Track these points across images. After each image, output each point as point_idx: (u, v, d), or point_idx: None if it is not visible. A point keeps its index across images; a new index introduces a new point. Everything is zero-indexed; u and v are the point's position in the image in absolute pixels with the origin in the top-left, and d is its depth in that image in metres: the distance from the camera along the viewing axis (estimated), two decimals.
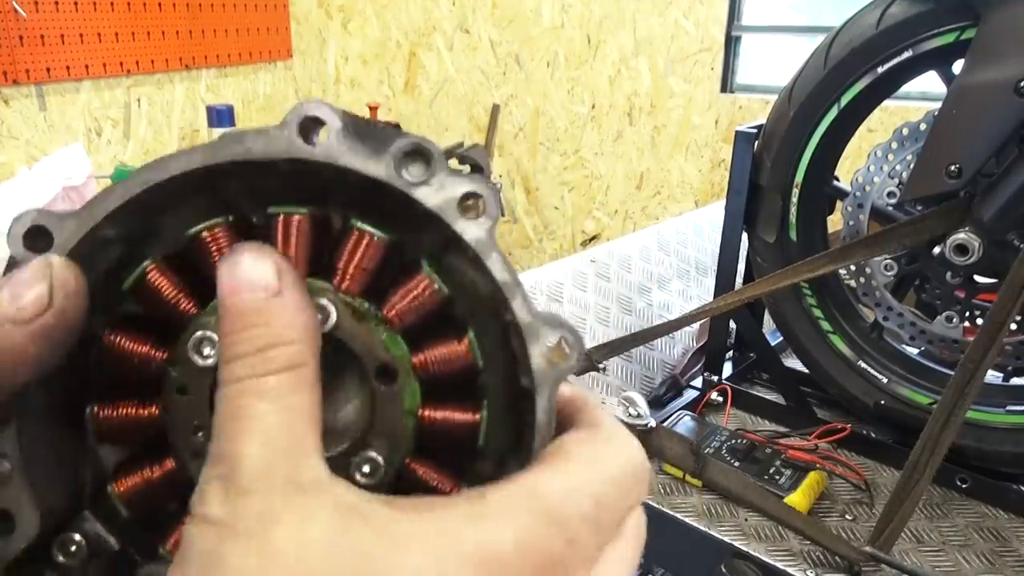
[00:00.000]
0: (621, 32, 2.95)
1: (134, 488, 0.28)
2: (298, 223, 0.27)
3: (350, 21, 3.39)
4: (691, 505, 1.07)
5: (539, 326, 0.25)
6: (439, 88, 3.33)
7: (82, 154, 2.16)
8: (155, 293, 0.28)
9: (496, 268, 0.26)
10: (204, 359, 0.26)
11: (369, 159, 0.25)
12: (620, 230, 3.16)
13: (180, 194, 0.27)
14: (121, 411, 0.28)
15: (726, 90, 2.88)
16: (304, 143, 0.25)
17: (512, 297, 0.26)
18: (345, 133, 0.25)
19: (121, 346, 0.27)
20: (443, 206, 0.25)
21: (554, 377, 0.25)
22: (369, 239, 0.27)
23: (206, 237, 0.28)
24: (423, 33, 3.28)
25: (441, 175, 0.25)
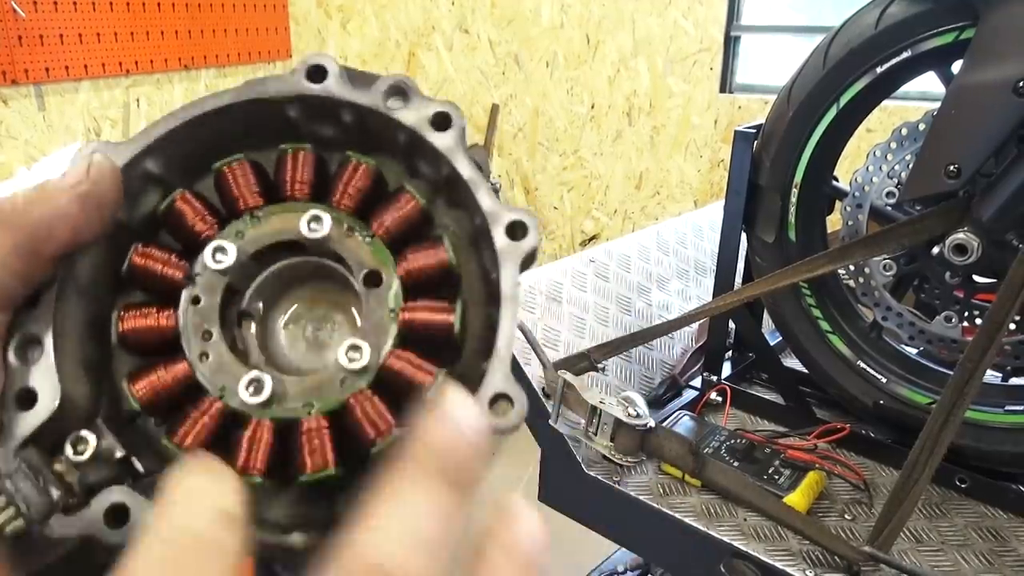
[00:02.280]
0: (620, 32, 2.95)
1: (148, 384, 0.31)
2: (304, 156, 0.33)
3: (349, 21, 3.39)
4: (690, 505, 1.07)
5: (501, 211, 0.29)
6: (438, 88, 3.33)
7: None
8: (180, 215, 0.32)
9: (463, 167, 0.30)
10: (217, 263, 0.31)
11: (360, 93, 0.31)
12: (619, 230, 3.16)
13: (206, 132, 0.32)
14: (141, 319, 0.32)
15: (725, 90, 2.88)
16: (310, 83, 0.31)
17: (477, 190, 0.30)
18: (341, 76, 0.31)
19: (148, 258, 0.32)
20: (417, 123, 0.31)
21: (516, 254, 0.29)
22: (361, 165, 0.32)
23: (226, 170, 0.33)
24: (422, 33, 3.28)
25: (417, 101, 0.31)
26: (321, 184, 0.33)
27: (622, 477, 1.11)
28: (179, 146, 0.32)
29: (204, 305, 0.31)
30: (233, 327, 0.33)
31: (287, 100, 0.31)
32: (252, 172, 0.33)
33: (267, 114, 0.32)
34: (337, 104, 0.31)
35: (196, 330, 0.31)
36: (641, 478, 1.12)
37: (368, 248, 0.31)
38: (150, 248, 0.32)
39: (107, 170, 0.30)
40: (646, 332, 1.27)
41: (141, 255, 0.32)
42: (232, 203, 0.33)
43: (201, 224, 0.32)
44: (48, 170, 2.08)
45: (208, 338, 0.31)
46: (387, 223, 0.32)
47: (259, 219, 0.32)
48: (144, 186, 0.32)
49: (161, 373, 0.31)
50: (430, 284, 0.31)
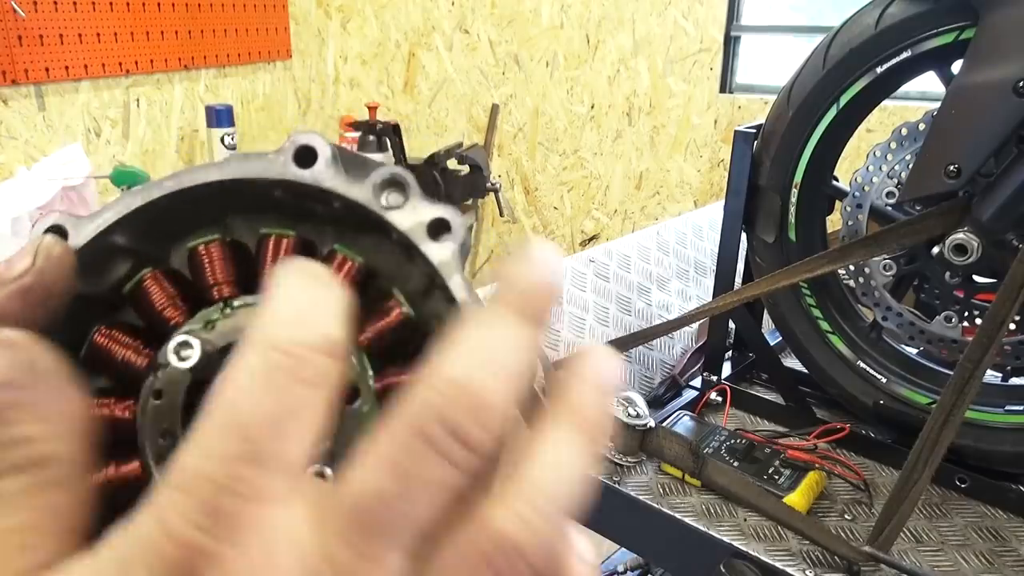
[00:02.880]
0: (620, 32, 2.95)
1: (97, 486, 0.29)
2: (287, 244, 0.30)
3: (349, 21, 3.39)
4: (690, 505, 1.07)
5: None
6: (438, 88, 3.33)
7: (81, 154, 2.16)
8: (147, 299, 0.30)
9: (456, 288, 0.28)
10: (182, 361, 0.28)
11: (352, 184, 0.28)
12: (619, 230, 3.16)
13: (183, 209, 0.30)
14: (97, 409, 0.29)
15: (725, 90, 2.88)
16: (297, 168, 0.28)
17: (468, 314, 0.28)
18: (333, 161, 0.28)
19: (108, 345, 0.30)
20: (413, 229, 0.28)
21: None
22: (348, 263, 0.30)
23: (201, 251, 0.31)
24: (422, 33, 3.28)
25: (414, 201, 0.28)
26: None
27: (622, 477, 1.11)
28: (152, 219, 0.30)
29: (166, 402, 0.29)
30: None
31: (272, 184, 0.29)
32: (228, 256, 0.31)
33: (251, 191, 0.30)
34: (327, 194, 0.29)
35: (155, 428, 0.29)
36: (641, 478, 1.12)
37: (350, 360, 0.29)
38: (112, 331, 0.30)
39: (56, 257, 0.27)
40: (646, 332, 1.27)
41: (103, 337, 0.30)
42: (205, 290, 0.30)
43: (171, 311, 0.30)
44: (47, 171, 2.08)
45: (167, 438, 0.29)
46: (370, 335, 0.29)
47: (233, 310, 0.30)
48: (111, 257, 0.30)
49: (111, 472, 0.29)
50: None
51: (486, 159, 2.77)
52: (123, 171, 2.15)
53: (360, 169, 0.29)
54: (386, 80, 3.42)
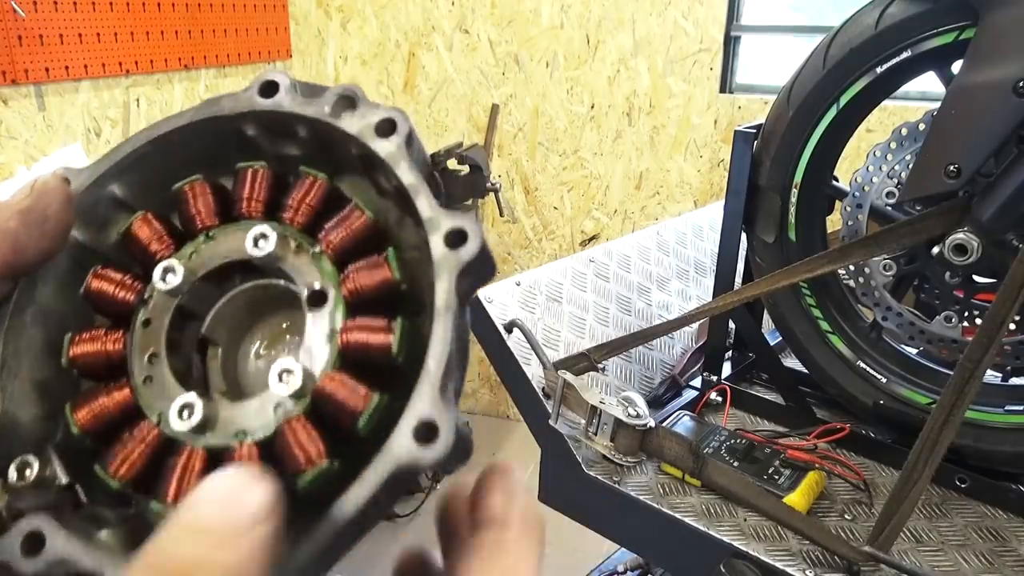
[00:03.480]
0: (620, 32, 2.95)
1: (88, 409, 0.30)
2: (260, 173, 0.32)
3: (349, 21, 3.39)
4: (690, 505, 1.07)
5: (440, 218, 0.28)
6: (438, 88, 3.33)
7: (81, 154, 2.16)
8: (137, 237, 0.32)
9: (403, 173, 0.29)
10: (165, 284, 0.30)
11: (308, 104, 0.31)
12: (619, 230, 3.16)
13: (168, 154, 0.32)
14: (91, 339, 0.31)
15: (725, 90, 2.88)
16: (261, 98, 0.31)
17: (416, 196, 0.29)
18: (292, 89, 0.31)
19: (102, 282, 0.32)
20: (361, 130, 0.30)
21: (452, 263, 0.27)
22: (313, 180, 0.32)
23: (185, 189, 0.32)
24: (422, 33, 3.28)
25: (363, 108, 0.30)
26: (278, 201, 0.32)
27: (622, 477, 1.11)
28: (143, 169, 0.32)
29: (153, 327, 0.30)
30: (191, 353, 0.32)
31: (241, 116, 0.31)
32: (211, 192, 0.32)
33: (226, 133, 0.32)
34: (288, 118, 0.31)
35: (143, 353, 0.30)
36: (641, 478, 1.12)
37: (315, 266, 0.30)
38: (107, 270, 0.32)
39: (52, 187, 0.30)
40: (646, 332, 1.27)
41: (97, 277, 0.32)
42: (189, 223, 0.32)
43: (157, 244, 0.32)
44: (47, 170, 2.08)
45: (154, 361, 0.30)
46: (333, 239, 0.31)
47: (213, 239, 0.31)
48: (113, 212, 0.33)
49: (103, 399, 0.30)
50: (376, 303, 0.30)
51: (486, 159, 2.77)
52: None
53: (318, 94, 0.31)
54: (386, 80, 3.41)
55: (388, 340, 0.28)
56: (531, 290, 1.30)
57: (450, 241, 0.28)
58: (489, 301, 1.22)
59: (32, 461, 0.28)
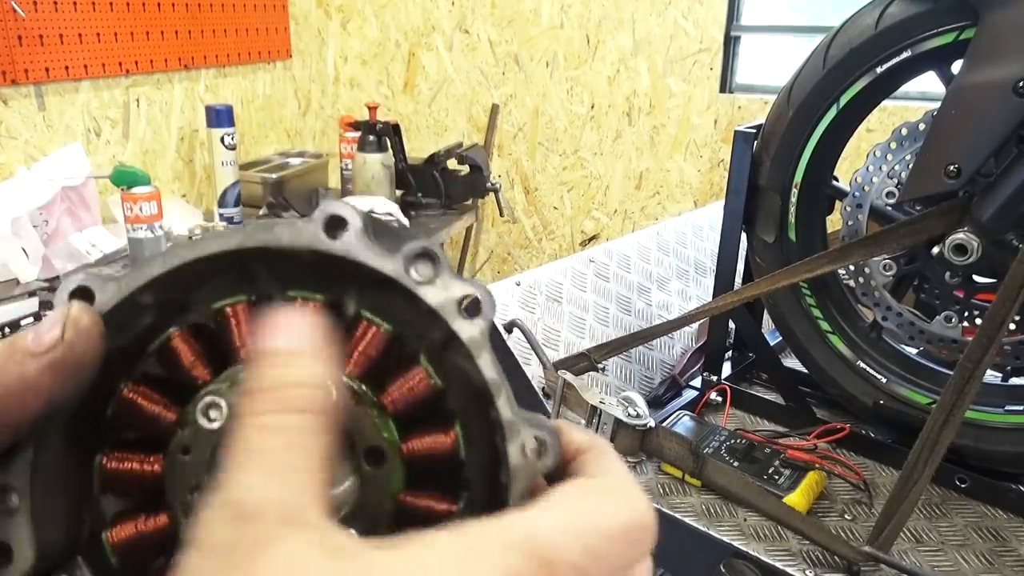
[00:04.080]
0: (620, 32, 2.95)
1: (127, 538, 0.29)
2: (313, 307, 0.30)
3: (349, 21, 3.39)
4: (690, 505, 1.07)
5: (520, 424, 0.27)
6: (438, 88, 3.33)
7: (81, 154, 2.16)
8: (175, 357, 0.30)
9: (486, 366, 0.28)
10: (210, 422, 0.29)
11: (383, 257, 0.28)
12: (619, 230, 3.16)
13: (212, 271, 0.30)
14: (127, 463, 0.30)
15: (725, 90, 2.88)
16: (327, 238, 0.28)
17: (497, 395, 0.28)
18: (364, 232, 0.28)
19: (136, 401, 0.30)
20: (444, 304, 0.28)
21: (529, 474, 0.27)
22: (375, 330, 0.30)
23: (229, 312, 0.31)
24: (422, 33, 3.28)
25: (445, 276, 0.28)
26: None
27: None
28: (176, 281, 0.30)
29: (194, 457, 0.29)
30: None
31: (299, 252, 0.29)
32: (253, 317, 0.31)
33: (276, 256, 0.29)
34: (356, 266, 0.29)
35: (184, 482, 0.29)
36: (641, 478, 1.12)
37: (374, 421, 0.29)
38: (140, 387, 0.30)
39: (86, 329, 0.27)
40: (646, 332, 1.27)
41: (132, 392, 0.30)
42: (230, 348, 0.30)
43: (199, 370, 0.30)
44: (47, 171, 2.08)
45: (196, 491, 0.29)
46: (396, 398, 0.29)
47: None
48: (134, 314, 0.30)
49: (141, 525, 0.29)
50: (435, 470, 0.29)
51: (486, 159, 2.77)
52: (123, 171, 2.14)
53: (390, 238, 0.29)
54: (386, 80, 3.41)
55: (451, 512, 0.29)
56: (531, 290, 1.30)
57: (528, 451, 0.27)
58: None
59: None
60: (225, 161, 2.50)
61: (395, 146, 2.58)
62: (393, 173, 2.57)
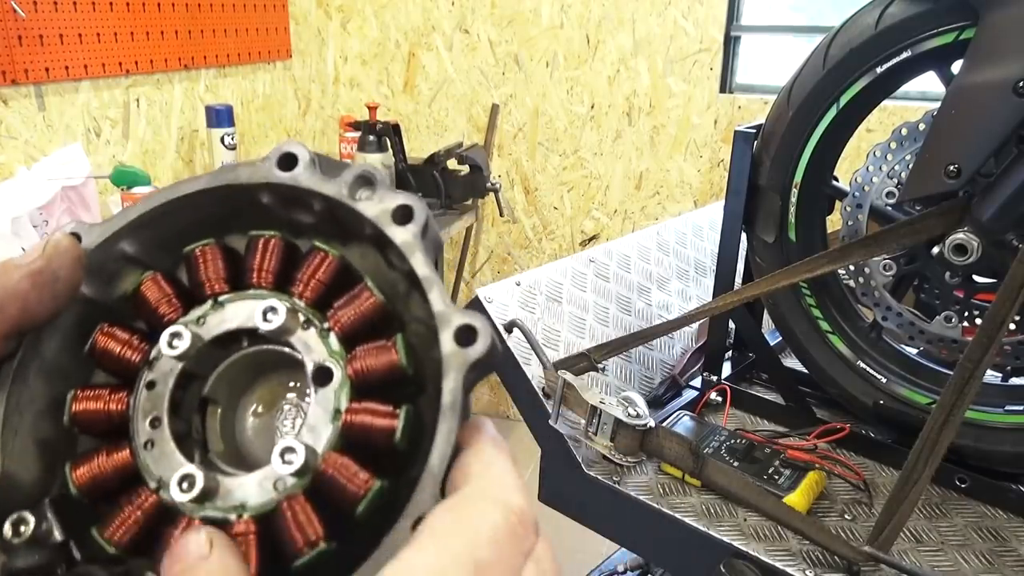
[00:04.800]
0: (620, 32, 2.95)
1: (88, 473, 0.30)
2: (273, 243, 0.33)
3: (349, 21, 3.39)
4: (690, 505, 1.07)
5: (451, 314, 0.28)
6: (438, 88, 3.32)
7: (81, 154, 2.16)
8: (144, 297, 0.32)
9: (418, 264, 0.29)
10: (172, 349, 0.30)
11: (326, 182, 0.31)
12: (619, 230, 3.16)
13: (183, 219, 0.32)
14: (92, 401, 0.31)
15: (725, 90, 2.88)
16: (280, 171, 0.31)
17: (430, 289, 0.29)
18: (311, 165, 0.31)
19: (108, 342, 0.32)
20: (379, 215, 0.30)
21: (461, 360, 0.27)
22: (324, 255, 0.32)
23: (197, 253, 0.33)
24: (422, 33, 3.28)
25: (381, 192, 0.30)
26: (288, 272, 0.32)
27: (622, 477, 1.11)
28: (155, 228, 0.32)
29: (157, 390, 0.31)
30: (192, 414, 0.32)
31: (257, 187, 0.31)
32: (221, 257, 0.33)
33: (241, 199, 0.32)
34: (305, 193, 0.31)
35: (145, 416, 0.30)
36: (641, 478, 1.12)
37: (323, 343, 0.30)
38: (114, 329, 0.32)
39: (64, 248, 0.30)
40: (646, 332, 1.27)
41: (104, 335, 0.32)
42: (199, 288, 0.32)
43: (165, 307, 0.32)
44: (47, 171, 2.08)
45: (156, 425, 0.30)
46: (343, 318, 0.31)
47: (222, 305, 0.32)
48: (122, 267, 0.33)
49: (102, 459, 0.30)
50: (383, 386, 0.30)
51: (486, 159, 2.77)
52: (123, 171, 2.14)
53: (336, 171, 0.31)
54: (386, 80, 3.41)
55: (392, 425, 0.29)
56: (531, 290, 1.30)
57: (460, 338, 0.27)
58: (489, 301, 1.22)
59: (28, 518, 0.29)
60: (225, 161, 2.50)
61: (395, 146, 2.58)
62: (393, 173, 2.57)
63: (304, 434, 0.29)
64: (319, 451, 0.28)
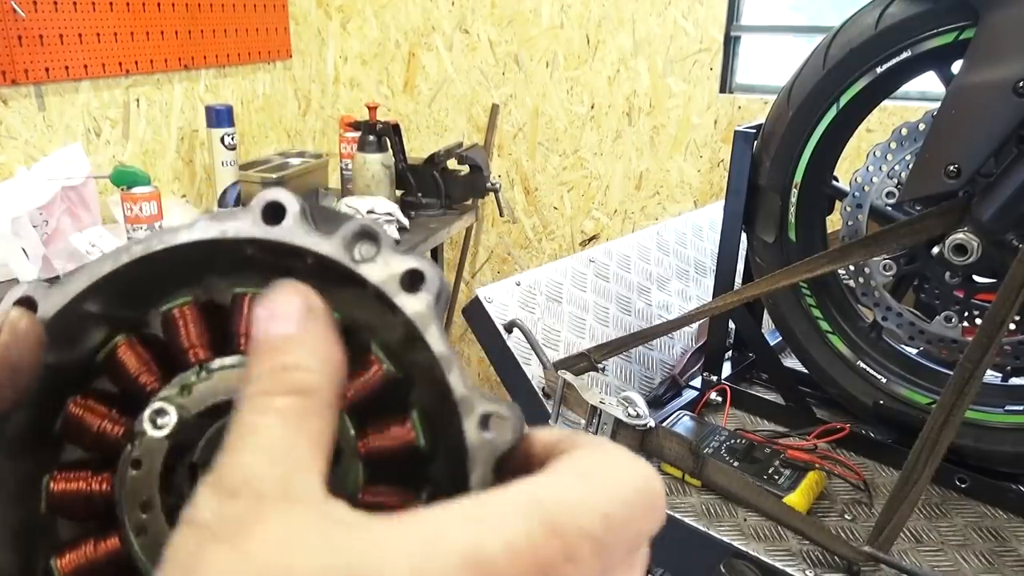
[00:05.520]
0: (620, 32, 2.95)
1: (76, 565, 0.28)
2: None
3: (349, 21, 3.39)
4: (690, 505, 1.07)
5: (474, 399, 0.25)
6: (438, 88, 3.32)
7: (81, 154, 2.16)
8: (120, 366, 0.29)
9: (434, 340, 0.26)
10: (158, 429, 0.27)
11: (321, 239, 0.27)
12: (619, 230, 3.15)
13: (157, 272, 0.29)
14: (73, 483, 0.28)
15: (725, 90, 2.88)
16: (266, 225, 0.27)
17: (449, 370, 0.26)
18: (302, 216, 0.28)
19: (83, 416, 0.29)
20: (386, 281, 0.27)
21: (488, 451, 0.25)
22: None
23: (176, 314, 0.29)
24: (422, 33, 3.28)
25: (386, 253, 0.27)
26: None
27: None
28: (124, 283, 0.29)
29: (144, 471, 0.27)
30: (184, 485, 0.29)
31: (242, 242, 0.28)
32: (203, 318, 0.30)
33: (224, 250, 0.28)
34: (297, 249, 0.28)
35: (134, 499, 0.27)
36: None
37: None
38: (87, 401, 0.29)
39: (23, 331, 0.26)
40: (646, 332, 1.27)
41: (77, 407, 0.29)
42: (180, 352, 0.29)
43: (145, 377, 0.29)
44: (46, 171, 2.08)
45: (148, 509, 0.28)
46: (349, 392, 0.28)
47: (209, 373, 0.29)
48: (85, 325, 0.29)
49: (90, 549, 0.28)
50: (395, 464, 0.28)
51: (486, 159, 2.77)
52: (123, 171, 2.14)
53: (331, 222, 0.28)
54: (386, 80, 3.41)
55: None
56: (531, 290, 1.30)
57: (486, 425, 0.25)
58: (489, 301, 1.22)
59: None
60: (225, 161, 2.50)
61: (395, 146, 2.58)
62: (393, 173, 2.57)
63: None
64: None
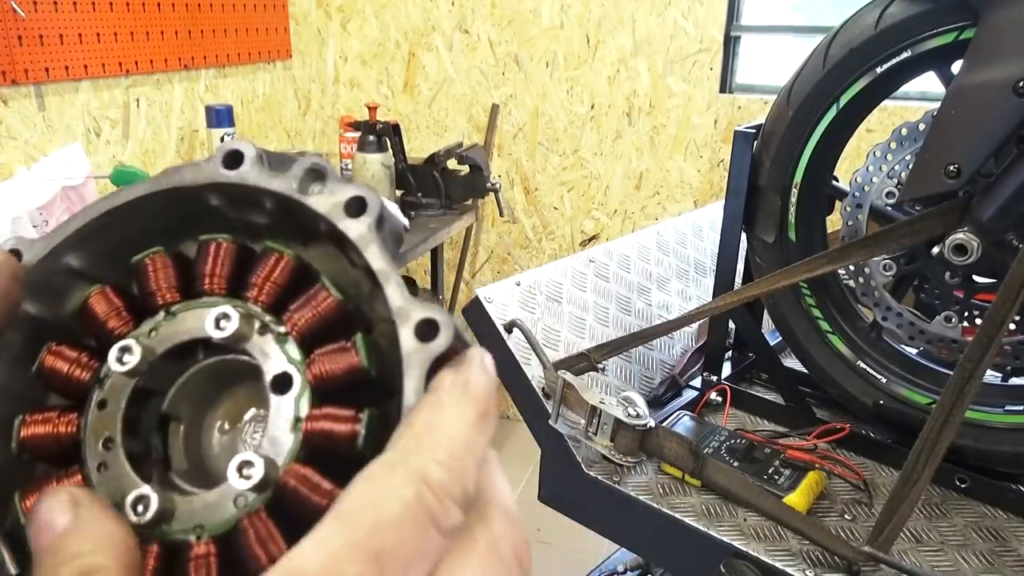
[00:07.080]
0: (620, 32, 2.95)
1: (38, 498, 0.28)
2: (223, 246, 0.31)
3: (349, 21, 3.39)
4: (690, 505, 1.07)
5: (410, 309, 0.26)
6: (438, 88, 3.32)
7: (81, 154, 2.16)
8: (93, 313, 0.31)
9: (374, 258, 0.27)
10: (122, 364, 0.28)
11: (273, 178, 0.29)
12: (619, 230, 3.15)
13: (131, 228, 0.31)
14: (42, 425, 0.29)
15: (725, 90, 2.88)
16: (225, 170, 0.29)
17: (386, 283, 0.27)
18: (258, 161, 0.29)
19: (56, 360, 0.30)
20: (331, 209, 0.28)
21: (423, 356, 0.26)
22: (279, 256, 0.31)
23: (146, 262, 0.31)
24: (422, 33, 3.28)
25: (332, 186, 0.29)
26: (243, 276, 0.31)
27: (622, 477, 1.11)
28: (101, 239, 0.30)
29: (109, 410, 0.29)
30: (152, 432, 0.30)
31: (203, 188, 0.30)
32: (172, 265, 0.31)
33: (189, 203, 0.30)
34: (253, 191, 0.29)
35: (97, 438, 0.29)
36: (641, 478, 1.12)
37: (280, 349, 0.29)
38: (62, 347, 0.30)
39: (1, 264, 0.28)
40: (646, 332, 1.27)
41: (52, 354, 0.30)
42: (149, 299, 0.31)
43: (115, 321, 0.30)
44: (47, 171, 2.08)
45: (110, 447, 0.28)
46: (299, 321, 0.29)
47: (174, 315, 0.30)
48: (69, 282, 0.31)
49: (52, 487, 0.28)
50: (346, 391, 0.28)
51: (486, 159, 2.77)
52: (123, 171, 2.14)
53: (286, 166, 0.29)
54: (386, 80, 3.41)
55: (355, 431, 0.27)
56: (531, 290, 1.30)
57: (420, 333, 0.26)
58: (489, 301, 1.22)
59: None
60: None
61: (395, 146, 2.58)
62: (393, 173, 2.57)
63: (265, 446, 0.27)
64: (280, 463, 0.27)
